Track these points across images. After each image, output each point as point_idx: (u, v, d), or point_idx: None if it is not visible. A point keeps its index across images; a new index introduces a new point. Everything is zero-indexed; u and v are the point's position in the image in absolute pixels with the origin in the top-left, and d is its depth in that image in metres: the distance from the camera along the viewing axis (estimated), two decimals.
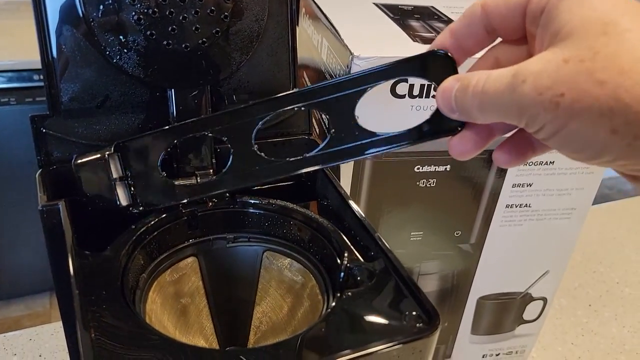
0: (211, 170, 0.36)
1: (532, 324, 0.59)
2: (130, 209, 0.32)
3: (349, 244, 0.30)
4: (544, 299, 0.57)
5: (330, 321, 0.26)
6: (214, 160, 0.36)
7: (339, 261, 0.30)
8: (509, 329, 0.59)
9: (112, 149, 0.31)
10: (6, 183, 1.39)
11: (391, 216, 0.48)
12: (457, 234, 0.51)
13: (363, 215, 0.31)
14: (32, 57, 1.30)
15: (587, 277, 0.75)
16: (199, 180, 0.35)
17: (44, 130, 0.32)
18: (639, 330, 0.67)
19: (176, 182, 0.33)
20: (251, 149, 0.29)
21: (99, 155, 0.31)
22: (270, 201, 0.33)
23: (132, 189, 0.32)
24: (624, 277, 0.76)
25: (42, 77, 0.31)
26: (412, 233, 0.50)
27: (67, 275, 0.30)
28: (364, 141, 0.29)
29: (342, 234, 0.31)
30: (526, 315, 0.58)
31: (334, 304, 0.27)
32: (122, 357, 0.22)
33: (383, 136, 0.29)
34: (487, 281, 0.54)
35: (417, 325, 0.25)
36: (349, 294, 0.27)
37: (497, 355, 0.61)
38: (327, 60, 0.48)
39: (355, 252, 0.30)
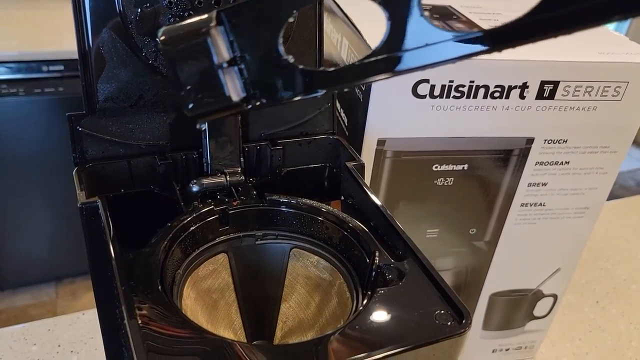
0: (239, 169, 0.37)
1: (542, 320, 0.60)
2: (244, 104, 0.24)
3: (378, 243, 0.31)
4: (555, 296, 0.58)
5: (363, 319, 0.27)
6: (242, 159, 0.37)
7: (367, 260, 0.31)
8: (519, 325, 0.60)
9: (214, 18, 0.23)
10: (14, 173, 1.40)
11: (408, 214, 0.49)
12: (472, 231, 0.52)
13: (391, 214, 0.32)
14: (40, 48, 1.30)
15: (594, 274, 0.76)
16: (228, 179, 0.36)
17: (79, 129, 0.33)
18: None
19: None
20: (419, 16, 0.21)
21: (196, 27, 0.23)
22: (299, 200, 0.34)
23: (245, 75, 0.24)
24: (630, 274, 0.77)
25: (79, 74, 0.32)
26: (428, 230, 0.51)
27: (105, 270, 0.31)
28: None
29: (370, 233, 0.32)
30: (536, 312, 0.59)
31: (365, 302, 0.28)
32: (171, 344, 0.23)
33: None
34: (499, 278, 0.55)
35: (449, 323, 0.26)
36: (381, 292, 0.28)
37: (506, 350, 0.62)
38: (347, 59, 0.49)
39: (384, 252, 0.31)
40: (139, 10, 0.31)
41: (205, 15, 0.23)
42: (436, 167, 0.47)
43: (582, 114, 0.46)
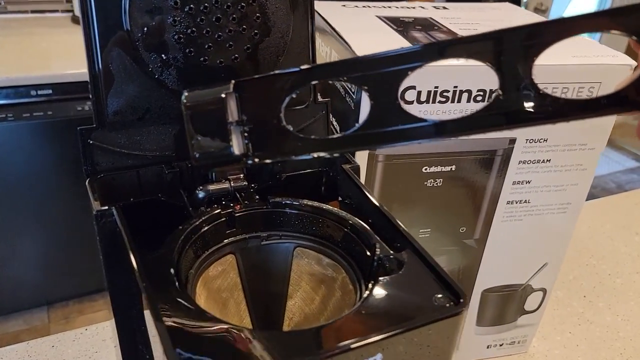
0: (242, 175, 0.39)
1: (533, 314, 0.62)
2: (243, 159, 0.29)
3: (378, 238, 0.33)
4: (544, 290, 0.61)
5: (367, 305, 0.29)
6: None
7: (368, 253, 0.33)
8: (512, 320, 0.62)
9: (232, 87, 0.28)
10: (4, 198, 1.40)
11: (401, 215, 0.51)
12: (462, 230, 0.54)
13: (387, 210, 0.34)
14: (28, 73, 1.32)
15: (581, 270, 0.79)
16: (232, 185, 0.38)
17: (90, 142, 0.35)
18: (632, 318, 0.70)
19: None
20: (395, 102, 0.26)
21: (217, 95, 0.28)
22: (301, 201, 0.36)
23: (248, 136, 0.28)
24: (615, 269, 0.80)
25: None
26: (420, 230, 0.53)
27: (122, 274, 0.32)
28: None
29: (368, 228, 0.34)
30: (527, 306, 0.62)
31: (367, 292, 0.30)
32: (198, 338, 0.25)
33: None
34: (490, 274, 0.58)
35: (447, 305, 0.28)
36: (383, 280, 0.30)
37: (500, 345, 0.64)
38: None
39: (384, 245, 0.33)
40: (145, 28, 0.33)
41: (225, 85, 0.28)
42: (425, 169, 0.49)
43: None
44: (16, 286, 1.55)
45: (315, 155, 0.29)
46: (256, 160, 0.29)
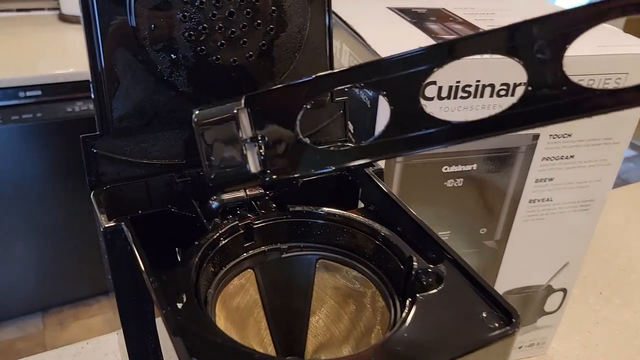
0: None
1: (552, 315, 0.60)
2: (260, 177, 0.28)
3: (411, 248, 0.31)
4: (564, 290, 0.59)
5: (407, 328, 0.26)
6: None
7: (402, 267, 0.30)
8: (531, 322, 0.60)
9: (242, 102, 0.27)
10: None
11: (420, 217, 0.49)
12: (482, 231, 0.52)
13: (420, 218, 0.32)
14: (15, 74, 1.27)
15: (595, 266, 0.77)
16: (247, 193, 0.35)
17: (94, 151, 0.32)
18: None
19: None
20: (417, 106, 0.24)
21: (227, 112, 0.27)
22: (323, 210, 0.34)
23: (263, 153, 0.27)
24: (629, 264, 0.78)
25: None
26: (439, 233, 0.51)
27: (133, 293, 0.30)
28: None
29: (400, 239, 0.32)
30: (547, 307, 0.59)
31: (406, 310, 0.28)
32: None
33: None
34: (510, 276, 0.56)
35: (496, 324, 0.26)
36: (421, 298, 0.27)
37: (519, 347, 0.62)
38: (349, 65, 0.48)
39: (418, 257, 0.30)
40: (153, 25, 0.30)
41: (236, 101, 0.27)
42: (446, 169, 0.47)
43: None
44: (9, 293, 1.52)
45: (336, 167, 0.28)
46: (274, 177, 0.28)
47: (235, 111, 0.27)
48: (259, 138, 0.27)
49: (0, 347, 1.52)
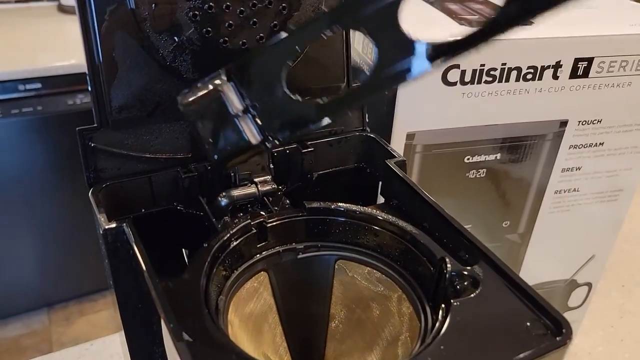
0: (269, 177, 0.33)
1: (576, 310, 0.58)
2: (262, 145, 0.27)
3: (441, 248, 0.28)
4: (589, 284, 0.56)
5: (444, 338, 0.23)
6: (272, 166, 0.33)
7: (432, 268, 0.27)
8: None
9: (224, 75, 0.26)
10: None
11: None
12: (505, 224, 0.49)
13: (450, 215, 0.29)
14: (14, 67, 1.25)
15: (616, 257, 0.74)
16: (259, 189, 0.32)
17: (92, 145, 0.29)
18: None
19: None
20: (401, 35, 0.23)
21: (210, 87, 0.26)
22: (343, 206, 0.31)
23: (258, 121, 0.27)
24: None
25: (88, 86, 0.28)
26: None
27: (136, 299, 0.27)
28: None
29: (429, 237, 0.29)
30: (571, 302, 0.57)
31: (440, 317, 0.25)
32: None
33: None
34: (533, 270, 0.53)
35: (545, 334, 0.23)
36: (456, 304, 0.25)
37: None
38: (363, 50, 0.45)
39: (451, 257, 0.27)
40: (154, 5, 0.27)
41: (216, 75, 0.26)
42: (468, 159, 0.44)
43: (617, 91, 0.44)
44: (13, 289, 1.50)
45: (333, 115, 0.26)
46: (276, 141, 0.27)
47: (220, 86, 0.26)
48: (250, 108, 0.27)
49: (6, 344, 1.51)
